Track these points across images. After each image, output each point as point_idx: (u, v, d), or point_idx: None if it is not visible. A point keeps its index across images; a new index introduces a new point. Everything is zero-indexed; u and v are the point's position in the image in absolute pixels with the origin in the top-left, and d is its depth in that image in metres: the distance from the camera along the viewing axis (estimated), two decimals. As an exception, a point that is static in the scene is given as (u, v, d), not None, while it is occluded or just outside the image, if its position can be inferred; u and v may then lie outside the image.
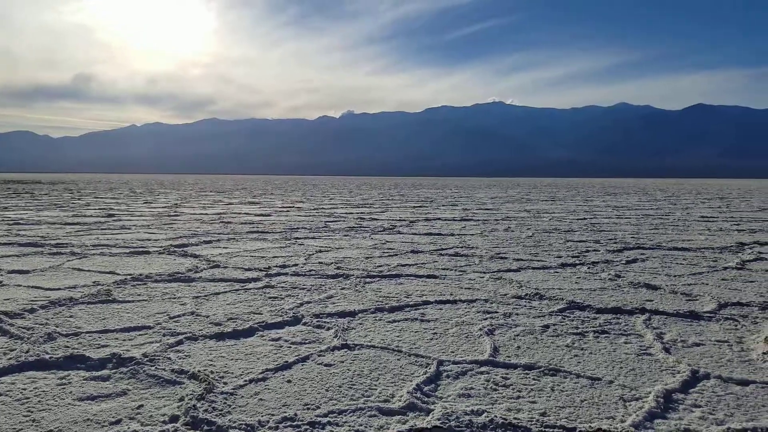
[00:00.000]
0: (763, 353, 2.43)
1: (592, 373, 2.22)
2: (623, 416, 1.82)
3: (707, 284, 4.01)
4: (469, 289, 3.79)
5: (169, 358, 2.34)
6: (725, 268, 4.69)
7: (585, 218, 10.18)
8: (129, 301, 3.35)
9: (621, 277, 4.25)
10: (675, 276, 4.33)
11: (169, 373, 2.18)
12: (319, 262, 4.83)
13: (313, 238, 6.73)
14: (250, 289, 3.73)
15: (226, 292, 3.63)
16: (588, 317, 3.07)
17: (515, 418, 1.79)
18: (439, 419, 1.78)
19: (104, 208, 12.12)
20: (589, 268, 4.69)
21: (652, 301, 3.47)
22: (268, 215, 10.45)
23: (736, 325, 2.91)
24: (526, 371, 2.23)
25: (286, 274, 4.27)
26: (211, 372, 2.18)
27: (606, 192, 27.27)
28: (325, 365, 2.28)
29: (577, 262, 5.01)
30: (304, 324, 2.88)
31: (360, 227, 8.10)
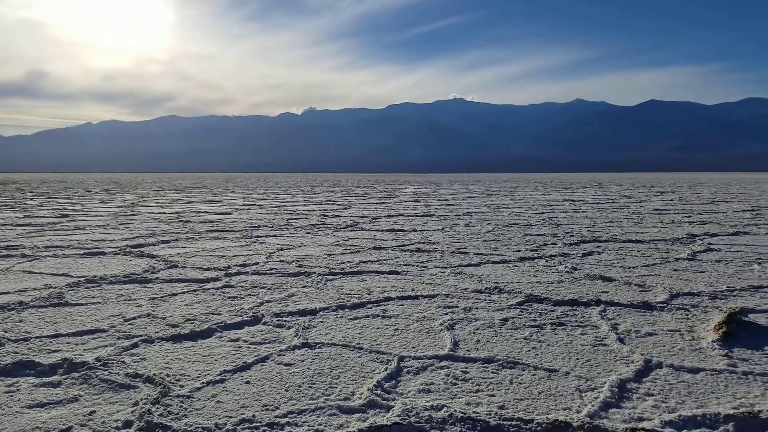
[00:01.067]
0: (713, 341, 2.52)
1: (549, 364, 2.26)
2: (579, 407, 1.86)
3: (660, 275, 4.13)
4: (431, 284, 3.82)
5: (124, 362, 2.28)
6: (677, 260, 4.84)
7: (543, 212, 10.36)
8: (82, 304, 3.25)
9: (577, 270, 4.34)
10: (629, 268, 4.45)
11: (123, 377, 2.12)
12: (281, 260, 4.78)
13: (274, 236, 6.66)
14: (209, 289, 3.66)
15: (183, 292, 3.56)
16: (546, 310, 3.12)
17: (474, 412, 1.81)
18: (399, 416, 1.78)
19: (58, 209, 11.73)
20: (546, 261, 4.78)
21: (608, 292, 3.55)
22: (229, 213, 10.29)
23: (687, 315, 3.01)
24: (486, 365, 2.25)
25: (246, 273, 4.22)
26: (167, 375, 2.13)
27: (563, 187, 27.84)
28: (285, 365, 2.25)
29: (536, 255, 5.10)
30: (264, 323, 2.84)
31: (322, 224, 8.06)
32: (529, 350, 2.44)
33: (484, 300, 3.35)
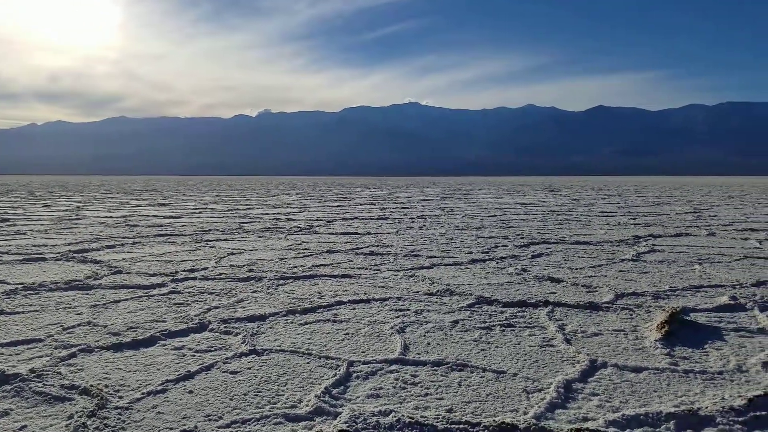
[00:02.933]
0: (655, 341, 2.59)
1: (497, 366, 2.27)
2: (526, 408, 1.87)
3: (606, 276, 4.24)
4: (383, 287, 3.80)
5: (60, 373, 2.17)
6: (622, 260, 4.98)
7: (495, 215, 10.52)
8: (18, 313, 3.09)
9: (527, 271, 4.41)
10: (577, 269, 4.55)
11: (58, 389, 2.02)
12: (231, 265, 4.68)
13: (225, 240, 6.53)
14: (154, 295, 3.55)
15: (127, 299, 3.43)
16: (495, 311, 3.15)
17: (422, 416, 1.80)
18: (345, 422, 1.75)
19: (-5, 213, 11.19)
20: (497, 263, 4.84)
21: (556, 293, 3.62)
22: (179, 217, 10.04)
23: (631, 315, 3.09)
24: (435, 368, 2.25)
25: (194, 278, 4.11)
26: (106, 386, 2.04)
27: (515, 190, 28.38)
28: (231, 373, 2.19)
29: (487, 257, 5.15)
30: (211, 330, 2.77)
31: (276, 228, 7.95)
32: (478, 352, 2.45)
33: (436, 303, 3.35)
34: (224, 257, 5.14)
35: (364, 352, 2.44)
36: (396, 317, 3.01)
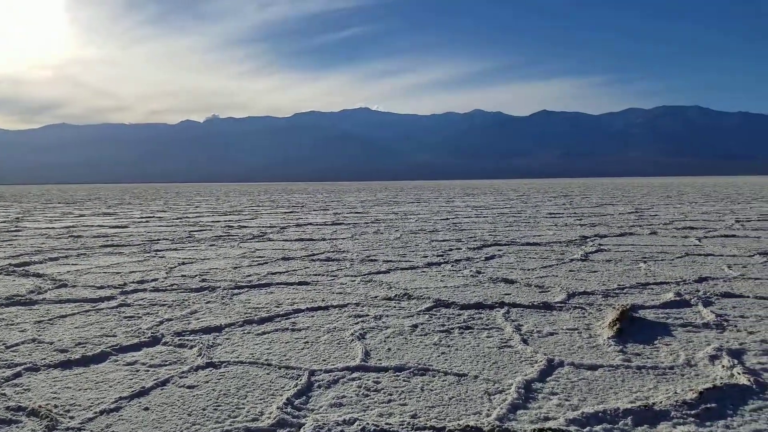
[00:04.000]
0: (608, 338, 2.67)
1: (458, 369, 2.29)
2: (489, 410, 1.89)
3: (557, 276, 4.34)
4: (341, 293, 3.78)
5: (4, 394, 2.06)
6: (571, 260, 5.12)
7: (448, 218, 10.65)
8: (-47, 333, 2.92)
9: (481, 273, 4.48)
10: (529, 270, 4.65)
11: (3, 411, 1.91)
12: (182, 275, 4.56)
13: (175, 249, 6.36)
14: (103, 309, 3.41)
15: (74, 314, 3.29)
16: (453, 314, 3.18)
17: (387, 423, 1.79)
18: (310, 433, 1.73)
19: (-76, 226, 10.55)
20: (452, 266, 4.89)
21: (510, 294, 3.68)
22: (125, 227, 9.72)
23: (583, 314, 3.17)
24: (397, 373, 2.25)
25: (144, 290, 3.98)
26: (55, 406, 1.95)
27: (466, 193, 28.81)
28: (188, 387, 2.13)
29: (442, 260, 5.20)
30: (165, 344, 2.68)
31: (228, 236, 7.80)
32: (439, 356, 2.46)
33: (394, 307, 3.36)
34: (175, 267, 5.01)
35: (324, 361, 2.42)
36: (355, 323, 3.00)
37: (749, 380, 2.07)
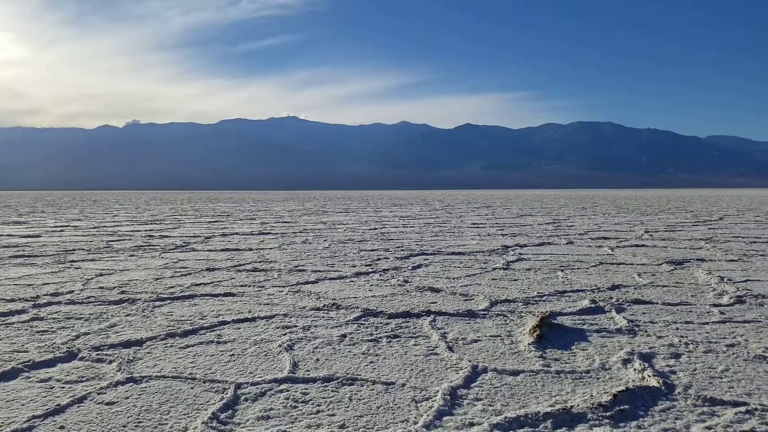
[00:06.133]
0: (529, 344, 2.78)
1: (386, 378, 2.32)
2: (416, 418, 1.93)
3: (480, 284, 4.48)
4: (268, 304, 3.73)
5: None
6: (494, 269, 5.29)
7: (376, 228, 10.72)
8: None
9: (409, 282, 4.55)
10: (454, 278, 4.77)
11: None
12: (100, 287, 4.35)
13: (92, 260, 6.05)
14: (14, 323, 3.20)
15: (-23, 330, 3.06)
16: (381, 323, 3.21)
17: (316, 434, 1.79)
18: (237, 447, 1.70)
19: None
20: (380, 275, 4.94)
21: (436, 303, 3.76)
22: (38, 236, 9.14)
23: (505, 321, 3.29)
24: (326, 384, 2.25)
25: (59, 303, 3.76)
26: (-44, 430, 1.81)
27: (393, 203, 29.12)
28: (107, 404, 2.04)
29: (370, 270, 5.24)
30: (81, 359, 2.55)
31: (149, 246, 7.50)
32: (367, 365, 2.48)
33: (323, 317, 3.35)
34: (92, 279, 4.77)
35: (251, 373, 2.38)
36: (283, 334, 2.97)
37: (659, 382, 2.22)
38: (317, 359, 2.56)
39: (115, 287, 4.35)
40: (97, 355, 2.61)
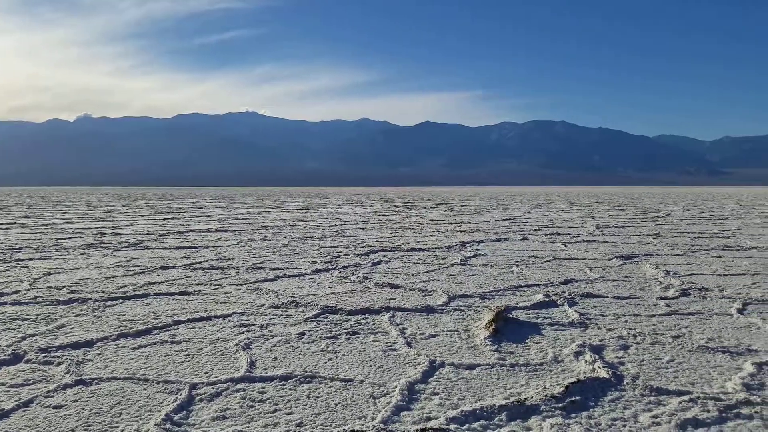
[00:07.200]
0: (485, 338, 2.82)
1: (345, 375, 2.32)
2: (374, 414, 1.94)
3: (439, 280, 4.53)
4: (225, 303, 3.68)
5: None
6: (452, 265, 5.36)
7: (336, 225, 10.70)
8: None
9: (368, 279, 4.56)
10: (413, 274, 4.80)
11: None
12: (48, 287, 4.20)
13: (40, 258, 5.84)
14: (-48, 326, 3.06)
15: None
16: (340, 320, 3.21)
17: (272, 433, 1.77)
18: (192, 448, 1.67)
19: None
20: (340, 272, 4.93)
21: (395, 299, 3.79)
22: (-22, 234, 8.76)
23: (463, 315, 3.33)
24: (283, 382, 2.24)
25: (4, 303, 3.62)
26: None
27: (354, 200, 29.09)
28: (55, 407, 1.98)
29: (330, 267, 5.23)
30: (28, 361, 2.46)
31: (100, 244, 7.28)
32: (326, 362, 2.48)
33: (281, 315, 3.33)
34: (40, 278, 4.60)
35: (207, 373, 2.34)
36: (240, 333, 2.94)
37: (608, 373, 2.29)
38: (275, 358, 2.54)
39: (64, 287, 4.21)
40: (44, 357, 2.52)
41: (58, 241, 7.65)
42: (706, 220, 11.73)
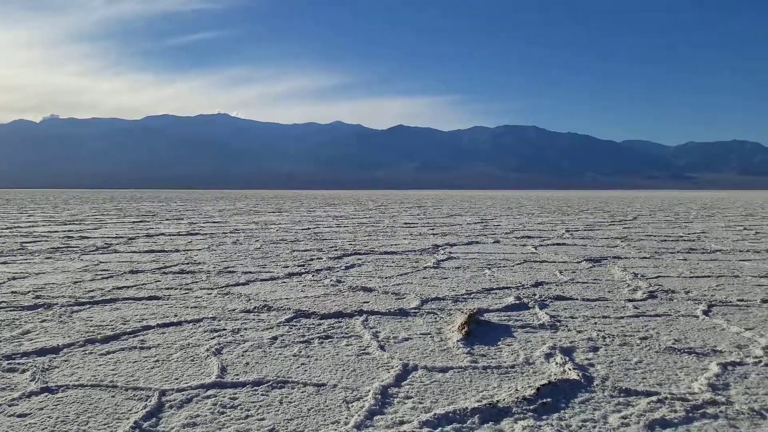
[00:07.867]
0: (457, 341, 2.84)
1: (318, 379, 2.31)
2: (347, 418, 1.93)
3: (412, 283, 4.54)
4: (196, 307, 3.63)
5: None
6: (425, 268, 5.38)
7: (309, 228, 10.65)
8: None
9: (342, 282, 4.55)
10: (386, 278, 4.81)
11: None
12: (12, 292, 4.09)
13: (4, 263, 5.68)
14: None
15: None
16: (313, 324, 3.20)
17: (244, 439, 1.76)
18: (161, 456, 1.64)
19: None
20: (313, 275, 4.91)
21: (369, 302, 3.78)
22: (-62, 238, 8.48)
23: (435, 318, 3.35)
24: (255, 388, 2.21)
25: (-37, 310, 3.51)
26: None
27: (327, 203, 29.00)
28: (19, 416, 1.92)
29: (303, 270, 5.20)
30: (-10, 370, 2.39)
31: (67, 248, 7.12)
32: (299, 367, 2.46)
33: (253, 320, 3.30)
34: (3, 283, 4.47)
35: (177, 379, 2.31)
36: (211, 338, 2.90)
37: (578, 375, 2.33)
38: (247, 363, 2.52)
39: (29, 291, 4.10)
40: (8, 364, 2.45)
41: (23, 245, 7.46)
42: (672, 224, 12.01)
